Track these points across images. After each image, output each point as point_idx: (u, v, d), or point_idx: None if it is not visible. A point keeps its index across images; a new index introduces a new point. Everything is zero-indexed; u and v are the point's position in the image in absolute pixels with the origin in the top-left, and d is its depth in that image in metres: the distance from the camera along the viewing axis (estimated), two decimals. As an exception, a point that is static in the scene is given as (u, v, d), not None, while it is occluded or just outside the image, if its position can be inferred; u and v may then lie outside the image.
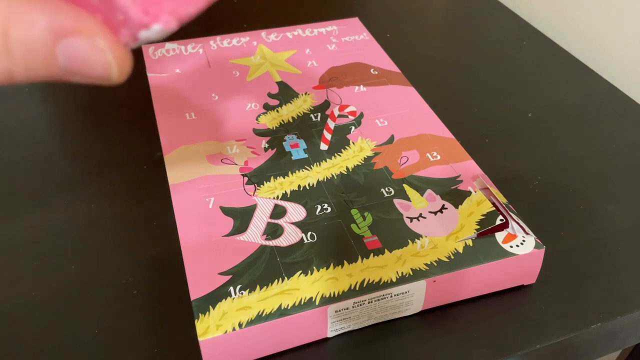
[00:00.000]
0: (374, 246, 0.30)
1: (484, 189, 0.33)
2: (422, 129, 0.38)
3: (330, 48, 0.46)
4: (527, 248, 0.29)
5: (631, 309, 0.31)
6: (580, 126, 0.43)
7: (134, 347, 0.28)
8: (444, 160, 0.35)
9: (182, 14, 0.14)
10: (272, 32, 0.48)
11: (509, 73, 0.49)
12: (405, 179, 0.34)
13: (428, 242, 0.30)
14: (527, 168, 0.39)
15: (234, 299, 0.27)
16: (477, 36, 0.54)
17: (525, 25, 0.56)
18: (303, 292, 0.27)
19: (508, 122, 0.43)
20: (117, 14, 0.14)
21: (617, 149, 0.41)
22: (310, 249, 0.29)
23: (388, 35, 0.54)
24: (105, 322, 0.29)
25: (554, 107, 0.45)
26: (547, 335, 0.29)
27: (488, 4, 0.60)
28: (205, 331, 0.26)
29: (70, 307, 0.30)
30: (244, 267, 0.28)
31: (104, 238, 0.33)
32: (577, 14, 0.55)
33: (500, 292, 0.31)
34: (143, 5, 0.14)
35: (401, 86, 0.42)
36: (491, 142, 0.41)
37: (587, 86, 0.48)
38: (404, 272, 0.28)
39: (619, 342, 0.32)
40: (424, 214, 0.31)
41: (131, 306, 0.30)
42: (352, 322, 0.28)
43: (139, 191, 0.36)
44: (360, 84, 0.42)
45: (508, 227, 0.31)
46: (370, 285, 0.28)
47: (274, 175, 0.34)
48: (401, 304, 0.29)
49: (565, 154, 0.41)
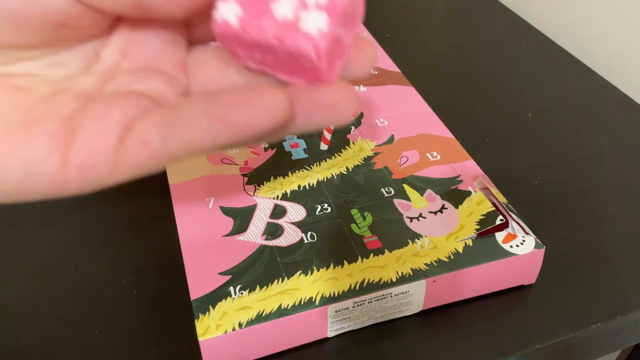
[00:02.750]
0: (374, 246, 0.30)
1: (484, 189, 0.33)
2: (422, 129, 0.38)
3: (330, 48, 0.46)
4: (527, 248, 0.29)
5: (631, 309, 0.31)
6: (580, 126, 0.43)
7: (134, 347, 0.28)
8: (444, 160, 0.35)
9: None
10: (272, 32, 0.48)
11: (509, 73, 0.49)
12: (405, 179, 0.34)
13: (428, 242, 0.30)
14: (527, 168, 0.39)
15: (234, 299, 0.27)
16: (477, 36, 0.54)
17: (525, 25, 0.56)
18: (303, 292, 0.27)
19: (508, 122, 0.43)
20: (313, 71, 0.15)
21: (617, 149, 0.41)
22: (310, 249, 0.29)
23: (388, 35, 0.54)
24: (105, 322, 0.29)
25: (554, 107, 0.45)
26: (547, 335, 0.29)
27: (488, 4, 0.60)
28: (205, 331, 0.26)
29: (70, 307, 0.30)
30: (244, 267, 0.28)
31: (104, 238, 0.33)
32: (577, 14, 0.55)
33: (500, 292, 0.31)
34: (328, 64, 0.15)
35: (401, 86, 0.42)
36: (491, 142, 0.41)
37: (587, 86, 0.48)
38: (404, 272, 0.28)
39: (619, 342, 0.32)
40: (424, 214, 0.31)
41: (131, 306, 0.30)
42: (352, 322, 0.28)
43: (139, 191, 0.36)
44: (360, 84, 0.42)
45: (508, 227, 0.31)
46: (370, 285, 0.28)
47: (274, 175, 0.34)
48: (401, 304, 0.29)
49: (565, 154, 0.41)
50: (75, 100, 0.15)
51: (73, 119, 0.15)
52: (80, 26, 0.15)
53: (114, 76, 0.16)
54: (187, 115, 0.15)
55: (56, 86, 0.15)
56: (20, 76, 0.15)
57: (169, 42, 0.17)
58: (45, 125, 0.15)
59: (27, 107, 0.15)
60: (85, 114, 0.15)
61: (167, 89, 0.16)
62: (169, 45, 0.17)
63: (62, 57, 0.16)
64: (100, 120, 0.15)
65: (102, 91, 0.16)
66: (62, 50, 0.16)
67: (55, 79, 0.16)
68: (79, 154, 0.15)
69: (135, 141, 0.15)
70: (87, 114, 0.15)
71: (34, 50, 0.15)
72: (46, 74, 0.15)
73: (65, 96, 0.15)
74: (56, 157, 0.14)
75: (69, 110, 0.15)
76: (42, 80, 0.15)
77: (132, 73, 0.16)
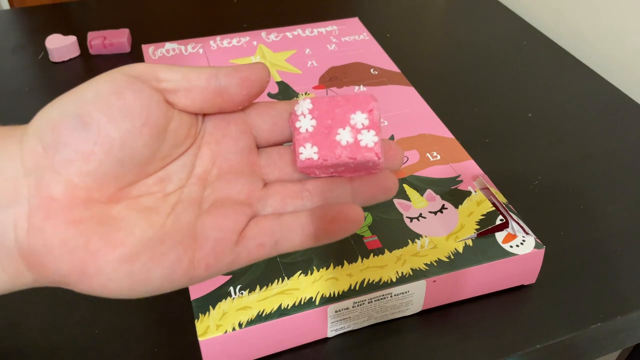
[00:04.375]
0: (374, 246, 0.30)
1: (484, 189, 0.33)
2: (422, 129, 0.38)
3: (330, 48, 0.46)
4: (527, 248, 0.29)
5: (631, 309, 0.31)
6: (580, 126, 0.43)
7: (134, 347, 0.28)
8: (444, 160, 0.35)
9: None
10: (272, 32, 0.48)
11: (509, 73, 0.49)
12: (405, 179, 0.34)
13: (428, 242, 0.30)
14: (527, 168, 0.39)
15: (234, 299, 0.27)
16: (477, 36, 0.54)
17: (525, 25, 0.56)
18: (303, 292, 0.27)
19: (508, 122, 0.43)
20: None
21: (617, 149, 0.41)
22: (310, 249, 0.29)
23: (388, 35, 0.54)
24: (105, 322, 0.29)
25: (554, 107, 0.45)
26: (547, 335, 0.29)
27: (488, 4, 0.60)
28: (205, 331, 0.26)
29: (70, 307, 0.30)
30: (244, 267, 0.28)
31: (104, 238, 0.33)
32: (577, 14, 0.55)
33: (500, 292, 0.31)
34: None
35: (401, 86, 0.42)
36: (491, 142, 0.41)
37: (587, 86, 0.48)
38: (404, 272, 0.28)
39: (619, 342, 0.32)
40: (424, 214, 0.31)
41: (131, 306, 0.30)
42: (352, 322, 0.28)
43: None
44: (360, 83, 0.42)
45: (508, 227, 0.31)
46: (370, 285, 0.28)
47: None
48: (401, 304, 0.29)
49: (565, 154, 0.41)
50: (190, 209, 0.20)
51: (194, 228, 0.19)
52: (179, 129, 0.20)
53: (208, 182, 0.21)
54: (295, 225, 0.20)
55: (173, 200, 0.20)
56: (144, 196, 0.19)
57: (244, 149, 0.22)
58: (175, 236, 0.19)
59: (159, 224, 0.19)
60: (205, 225, 0.20)
61: (251, 187, 0.21)
62: (244, 152, 0.22)
63: (170, 170, 0.20)
64: (219, 231, 0.19)
65: (204, 197, 0.20)
66: (170, 163, 0.20)
67: (168, 192, 0.20)
68: (206, 256, 0.19)
69: (254, 245, 0.20)
70: (207, 224, 0.20)
71: (152, 164, 0.20)
72: (162, 189, 0.20)
73: (181, 207, 0.20)
74: (186, 260, 0.19)
75: (188, 220, 0.20)
76: (161, 196, 0.20)
77: (222, 177, 0.21)
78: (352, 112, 0.21)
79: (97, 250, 0.18)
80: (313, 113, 0.21)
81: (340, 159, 0.20)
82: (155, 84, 0.19)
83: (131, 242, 0.18)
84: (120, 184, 0.19)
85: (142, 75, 0.19)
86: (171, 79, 0.20)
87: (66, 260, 0.18)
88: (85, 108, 0.18)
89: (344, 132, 0.20)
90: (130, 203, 0.19)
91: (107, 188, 0.19)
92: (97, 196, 0.18)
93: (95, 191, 0.18)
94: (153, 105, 0.19)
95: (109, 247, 0.18)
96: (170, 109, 0.20)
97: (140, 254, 0.18)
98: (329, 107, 0.21)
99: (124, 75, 0.19)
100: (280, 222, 0.20)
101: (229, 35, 0.47)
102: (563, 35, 0.57)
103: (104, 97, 0.18)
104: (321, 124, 0.21)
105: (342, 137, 0.20)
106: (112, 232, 0.18)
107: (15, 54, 0.51)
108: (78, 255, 0.18)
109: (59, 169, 0.18)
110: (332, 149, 0.20)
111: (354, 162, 0.20)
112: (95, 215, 0.18)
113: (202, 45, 0.46)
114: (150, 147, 0.19)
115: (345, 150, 0.20)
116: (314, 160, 0.21)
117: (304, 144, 0.21)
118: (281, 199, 0.21)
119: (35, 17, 0.57)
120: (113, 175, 0.19)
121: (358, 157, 0.20)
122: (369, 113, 0.20)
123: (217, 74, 0.20)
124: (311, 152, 0.20)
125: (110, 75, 0.19)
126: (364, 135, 0.20)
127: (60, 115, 0.18)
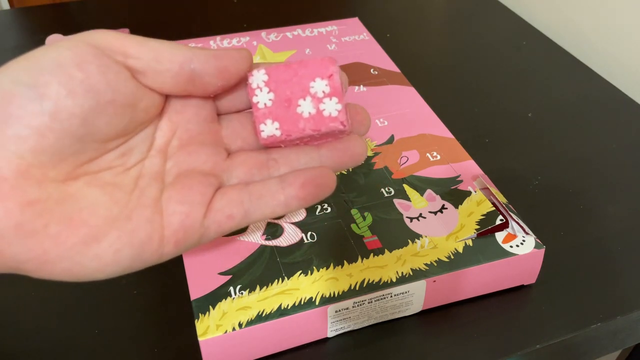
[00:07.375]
0: (374, 246, 0.30)
1: (484, 189, 0.33)
2: (422, 129, 0.38)
3: (330, 48, 0.46)
4: (527, 248, 0.29)
5: (631, 309, 0.31)
6: (580, 126, 0.43)
7: (134, 347, 0.28)
8: (444, 160, 0.35)
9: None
10: (272, 32, 0.48)
11: (509, 73, 0.49)
12: (405, 179, 0.34)
13: (428, 242, 0.30)
14: (527, 168, 0.39)
15: (234, 299, 0.27)
16: (477, 36, 0.54)
17: (525, 25, 0.56)
18: (303, 292, 0.27)
19: (508, 122, 0.43)
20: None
21: (617, 149, 0.41)
22: (310, 249, 0.29)
23: (388, 35, 0.54)
24: (105, 322, 0.29)
25: (554, 107, 0.45)
26: (547, 335, 0.29)
27: (488, 4, 0.60)
28: (205, 331, 0.26)
29: (70, 307, 0.30)
30: (244, 267, 0.28)
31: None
32: (577, 14, 0.55)
33: (500, 292, 0.31)
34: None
35: (401, 86, 0.42)
36: (491, 142, 0.41)
37: (587, 86, 0.48)
38: (404, 272, 0.28)
39: (619, 342, 0.32)
40: (424, 214, 0.31)
41: (131, 306, 0.30)
42: (352, 322, 0.28)
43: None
44: (360, 84, 0.42)
45: (508, 227, 0.31)
46: (370, 285, 0.28)
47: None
48: (401, 304, 0.29)
49: (565, 154, 0.41)
50: (154, 184, 0.19)
51: (159, 203, 0.18)
52: (145, 108, 0.18)
53: (169, 154, 0.20)
54: (264, 192, 0.19)
55: (134, 174, 0.19)
56: (104, 170, 0.18)
57: (206, 119, 0.20)
58: (141, 213, 0.18)
59: (124, 201, 0.18)
60: (171, 199, 0.18)
61: (216, 158, 0.20)
62: (206, 121, 0.20)
63: (131, 144, 0.19)
64: (186, 204, 0.18)
65: (167, 170, 0.19)
66: (132, 138, 0.19)
67: (129, 166, 0.19)
68: (175, 232, 0.18)
69: (222, 217, 0.19)
70: (172, 198, 0.18)
71: (114, 141, 0.18)
72: (122, 163, 0.18)
73: (144, 182, 0.19)
74: (156, 238, 0.18)
75: (152, 195, 0.18)
76: (121, 170, 0.18)
77: (183, 149, 0.20)
78: (312, 79, 0.19)
79: (57, 233, 0.16)
80: (270, 85, 0.19)
81: (305, 132, 0.19)
82: (122, 60, 0.17)
83: (95, 222, 0.17)
84: (78, 162, 0.17)
85: (110, 47, 0.17)
86: (141, 57, 0.18)
87: (23, 246, 0.16)
88: (41, 78, 0.16)
89: (305, 103, 0.19)
90: (90, 179, 0.17)
91: (65, 166, 0.17)
92: (53, 175, 0.16)
93: (50, 169, 0.16)
94: (120, 84, 0.17)
95: (71, 229, 0.16)
96: (141, 87, 0.18)
97: (107, 233, 0.17)
98: (285, 75, 0.19)
99: (87, 46, 0.17)
100: (248, 191, 0.19)
101: (229, 36, 0.47)
102: (563, 35, 0.57)
103: (64, 68, 0.16)
104: (280, 96, 0.19)
105: (303, 109, 0.19)
106: (73, 212, 0.16)
107: (15, 54, 0.51)
108: (37, 240, 0.16)
109: (9, 146, 0.16)
110: (294, 122, 0.19)
111: (320, 133, 0.19)
112: (52, 195, 0.16)
113: (202, 46, 0.46)
114: (114, 126, 0.17)
115: (308, 123, 0.19)
116: (277, 137, 0.19)
117: (264, 120, 0.19)
118: (247, 169, 0.20)
119: (35, 17, 0.57)
120: (71, 152, 0.17)
121: (322, 128, 0.19)
122: (329, 79, 0.19)
123: (193, 58, 0.19)
124: (272, 128, 0.19)
125: (71, 41, 0.17)
126: (326, 104, 0.19)
127: (12, 84, 0.16)
